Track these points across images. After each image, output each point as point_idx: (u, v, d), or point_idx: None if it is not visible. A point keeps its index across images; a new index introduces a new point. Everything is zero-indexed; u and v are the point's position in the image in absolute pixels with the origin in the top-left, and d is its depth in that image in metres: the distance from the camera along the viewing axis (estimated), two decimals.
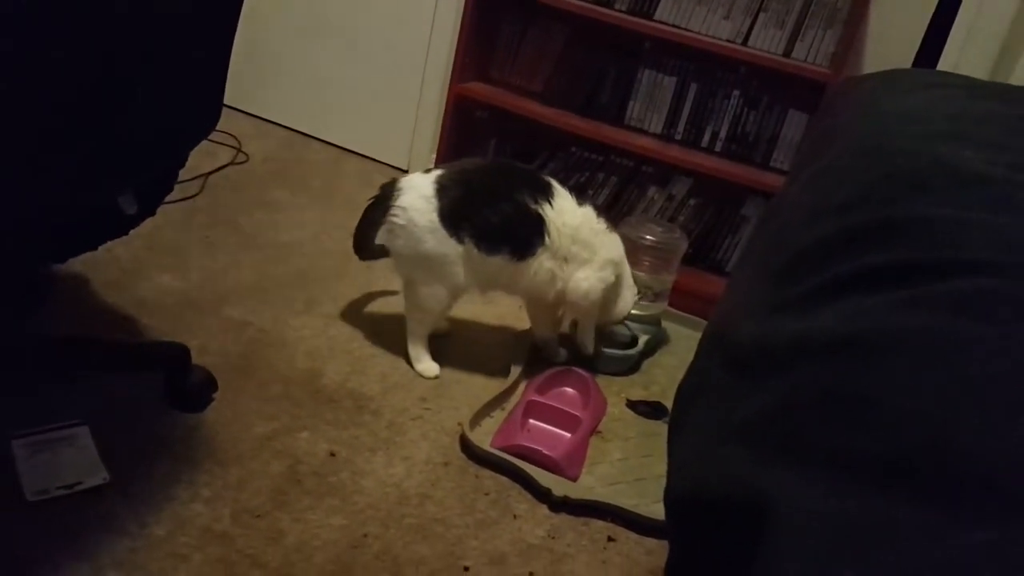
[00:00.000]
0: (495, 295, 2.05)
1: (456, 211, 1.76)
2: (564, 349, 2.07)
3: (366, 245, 1.91)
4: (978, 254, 0.60)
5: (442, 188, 1.77)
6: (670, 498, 0.74)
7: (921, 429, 0.51)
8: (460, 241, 1.77)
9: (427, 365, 1.88)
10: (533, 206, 1.78)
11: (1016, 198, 0.67)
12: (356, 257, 1.95)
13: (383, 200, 1.82)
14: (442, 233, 1.76)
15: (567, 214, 1.82)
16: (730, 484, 0.61)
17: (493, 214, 1.77)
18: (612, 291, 1.94)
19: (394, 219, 1.79)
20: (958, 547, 0.44)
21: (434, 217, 1.76)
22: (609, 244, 1.90)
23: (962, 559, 0.43)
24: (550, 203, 1.80)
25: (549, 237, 1.79)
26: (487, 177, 1.85)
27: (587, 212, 1.86)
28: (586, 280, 1.85)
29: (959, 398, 0.51)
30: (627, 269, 1.99)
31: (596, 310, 1.96)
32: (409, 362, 1.89)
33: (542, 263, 1.81)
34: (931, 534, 0.45)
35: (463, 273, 1.81)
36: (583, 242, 1.84)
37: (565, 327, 2.11)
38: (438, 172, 1.82)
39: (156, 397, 1.55)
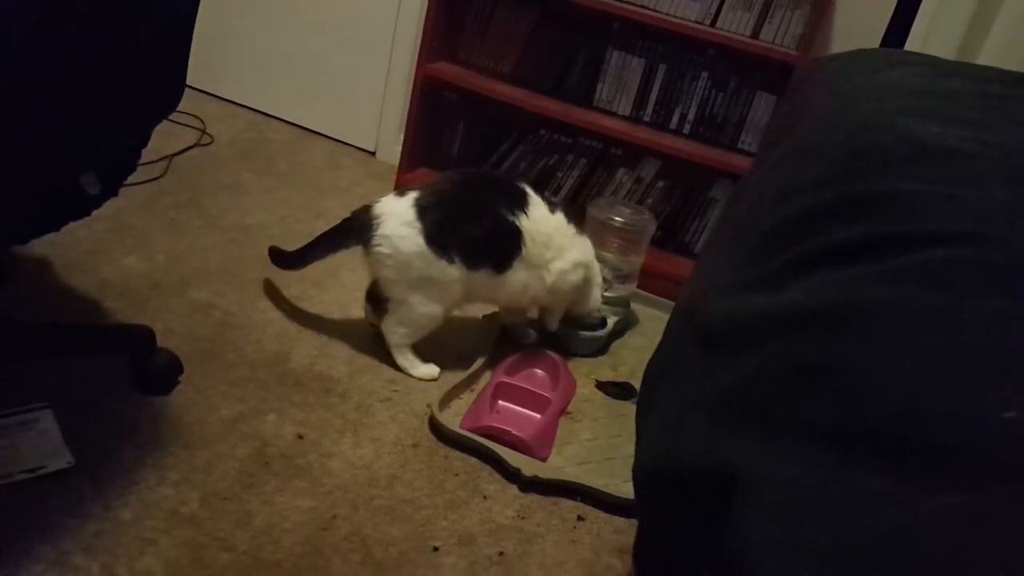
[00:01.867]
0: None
1: (441, 231, 1.73)
2: (533, 331, 2.07)
3: (309, 260, 1.89)
4: (946, 226, 0.61)
5: (423, 210, 1.74)
6: (639, 473, 0.74)
7: (887, 399, 0.51)
8: (451, 260, 1.74)
9: (425, 369, 1.84)
10: (511, 218, 1.77)
11: (982, 171, 0.68)
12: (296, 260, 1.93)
13: (361, 231, 1.77)
14: (431, 256, 1.73)
15: (541, 222, 1.82)
16: (700, 457, 0.61)
17: (476, 228, 1.75)
18: (582, 289, 1.96)
19: (379, 249, 1.74)
20: (923, 513, 0.44)
21: (420, 241, 1.72)
22: (579, 247, 1.92)
23: (927, 524, 0.43)
24: (526, 213, 1.79)
25: (525, 248, 1.79)
26: (464, 191, 1.82)
27: (559, 218, 1.87)
28: (554, 274, 1.86)
29: (926, 369, 0.52)
30: (596, 268, 2.00)
31: (563, 305, 1.99)
32: (398, 368, 1.82)
33: (517, 274, 1.81)
34: (896, 501, 0.45)
35: (459, 289, 1.79)
36: (555, 247, 1.85)
37: (532, 313, 2.11)
38: (414, 194, 1.77)
39: (121, 380, 1.53)
